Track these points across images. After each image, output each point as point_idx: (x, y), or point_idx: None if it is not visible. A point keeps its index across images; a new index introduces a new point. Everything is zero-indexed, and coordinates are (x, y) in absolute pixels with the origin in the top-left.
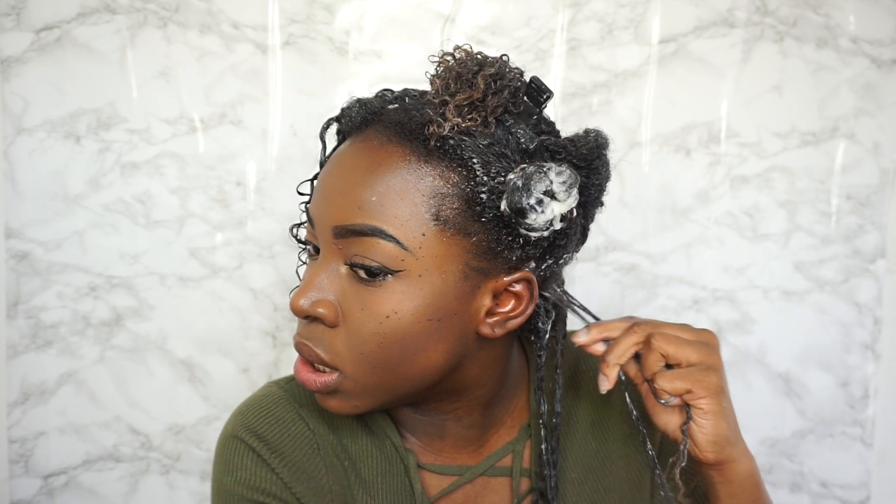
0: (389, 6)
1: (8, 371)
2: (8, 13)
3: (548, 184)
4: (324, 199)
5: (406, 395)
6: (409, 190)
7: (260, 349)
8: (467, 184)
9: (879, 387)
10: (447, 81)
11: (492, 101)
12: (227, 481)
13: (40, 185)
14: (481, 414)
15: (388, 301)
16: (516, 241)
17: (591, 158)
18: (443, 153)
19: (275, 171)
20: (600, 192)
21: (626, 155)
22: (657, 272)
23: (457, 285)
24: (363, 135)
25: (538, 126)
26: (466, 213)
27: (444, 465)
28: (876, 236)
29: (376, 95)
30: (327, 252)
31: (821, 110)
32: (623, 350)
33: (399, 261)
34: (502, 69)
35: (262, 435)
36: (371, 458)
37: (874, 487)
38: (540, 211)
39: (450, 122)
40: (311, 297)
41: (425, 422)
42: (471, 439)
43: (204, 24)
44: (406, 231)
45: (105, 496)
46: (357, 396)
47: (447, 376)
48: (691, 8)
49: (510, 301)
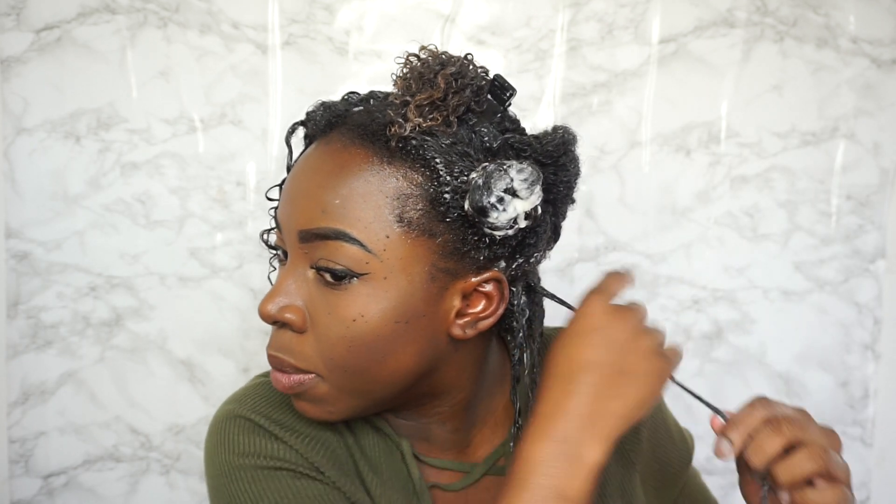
0: (389, 6)
1: (8, 371)
2: (8, 13)
3: (508, 181)
4: (289, 203)
5: (380, 399)
6: (373, 192)
7: (260, 349)
8: (431, 184)
9: (879, 387)
10: (409, 82)
11: (453, 100)
12: (233, 458)
13: (40, 185)
14: (463, 417)
15: (354, 304)
16: (482, 240)
17: (557, 155)
18: (405, 154)
19: (275, 171)
20: (570, 189)
21: (626, 155)
22: (657, 272)
23: (423, 287)
24: (327, 138)
25: (502, 124)
26: (431, 214)
27: (442, 459)
28: (876, 236)
29: (342, 98)
30: (294, 257)
31: (821, 110)
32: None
33: (364, 263)
34: (464, 68)
35: (268, 414)
36: (373, 442)
37: (874, 487)
38: (501, 209)
39: (411, 122)
40: (278, 302)
41: (409, 426)
42: (455, 442)
43: (204, 24)
44: (370, 233)
45: (105, 496)
46: (329, 402)
47: (422, 379)
48: (691, 8)
49: (480, 301)
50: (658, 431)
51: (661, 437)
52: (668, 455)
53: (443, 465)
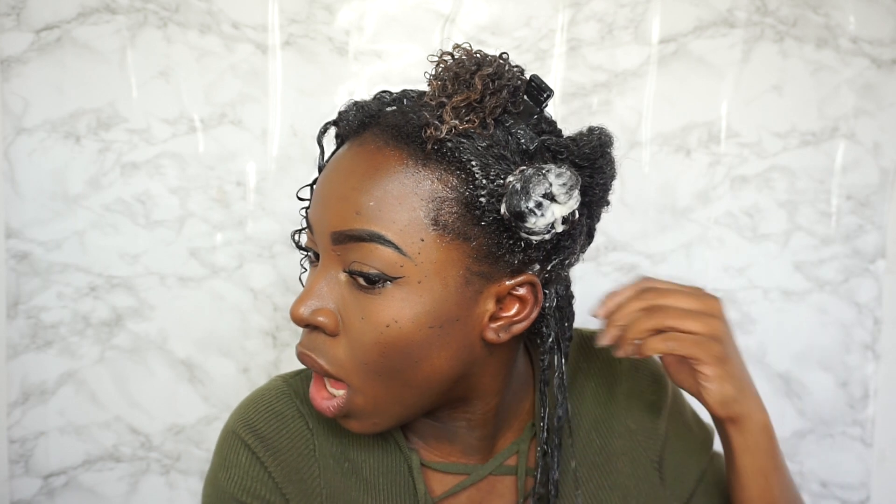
0: (389, 6)
1: (8, 371)
2: (8, 13)
3: (547, 186)
4: (322, 204)
5: (418, 405)
6: (407, 194)
7: (260, 349)
8: (466, 187)
9: (879, 387)
10: (444, 82)
11: (490, 101)
12: (222, 477)
13: (40, 185)
14: (493, 424)
15: (387, 309)
16: (518, 244)
17: (595, 157)
18: (441, 156)
19: (275, 171)
20: (605, 191)
21: (626, 155)
22: (657, 272)
23: (458, 291)
24: (360, 138)
25: (539, 126)
26: (466, 218)
27: (450, 463)
28: (876, 236)
29: (374, 98)
30: (326, 259)
31: (821, 110)
32: (626, 314)
33: (398, 267)
34: (501, 68)
35: (259, 431)
36: (373, 458)
37: (874, 487)
38: (539, 214)
39: (447, 124)
40: (310, 305)
41: (437, 427)
42: (480, 448)
43: (204, 24)
44: (404, 236)
45: (105, 496)
46: (371, 414)
47: (457, 383)
48: (691, 8)
49: (514, 305)
50: (676, 422)
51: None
52: (688, 443)
53: (456, 469)
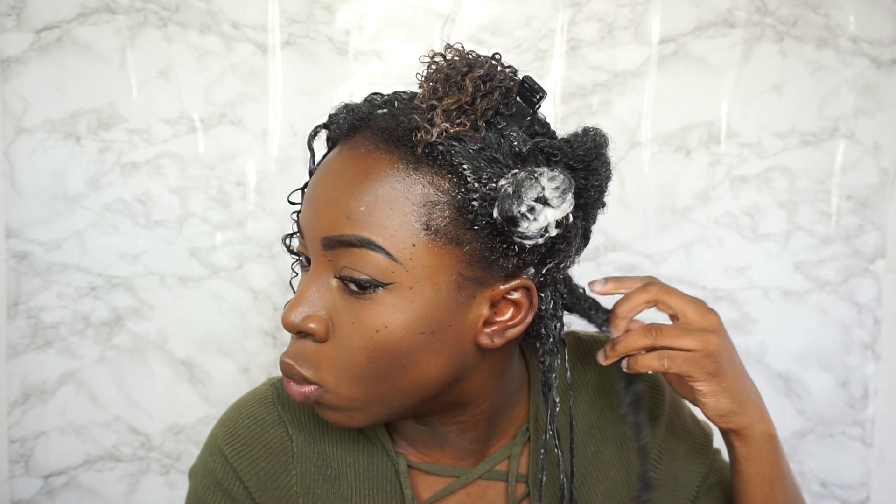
0: (389, 6)
1: (8, 371)
2: (8, 13)
3: (539, 190)
4: (312, 209)
5: (404, 407)
6: (398, 199)
7: (260, 349)
8: (458, 191)
9: (879, 387)
10: (435, 85)
11: (481, 103)
12: (199, 478)
13: (40, 185)
14: (485, 427)
15: (378, 315)
16: (511, 248)
17: (589, 159)
18: (432, 160)
19: (275, 171)
20: (601, 192)
21: (625, 156)
22: (657, 272)
23: (450, 296)
24: (351, 142)
25: (532, 128)
26: (458, 222)
27: (438, 464)
28: (876, 236)
29: (365, 100)
30: (317, 264)
31: (821, 110)
32: (633, 305)
33: (389, 273)
34: (492, 70)
35: (240, 438)
36: (359, 463)
37: (874, 487)
38: (532, 219)
39: (438, 127)
40: (301, 311)
41: (425, 432)
42: (471, 451)
43: (204, 24)
44: (396, 241)
45: (105, 496)
46: (348, 409)
47: (449, 388)
48: (691, 8)
49: (509, 309)
50: (675, 429)
51: (679, 433)
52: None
53: (445, 471)
